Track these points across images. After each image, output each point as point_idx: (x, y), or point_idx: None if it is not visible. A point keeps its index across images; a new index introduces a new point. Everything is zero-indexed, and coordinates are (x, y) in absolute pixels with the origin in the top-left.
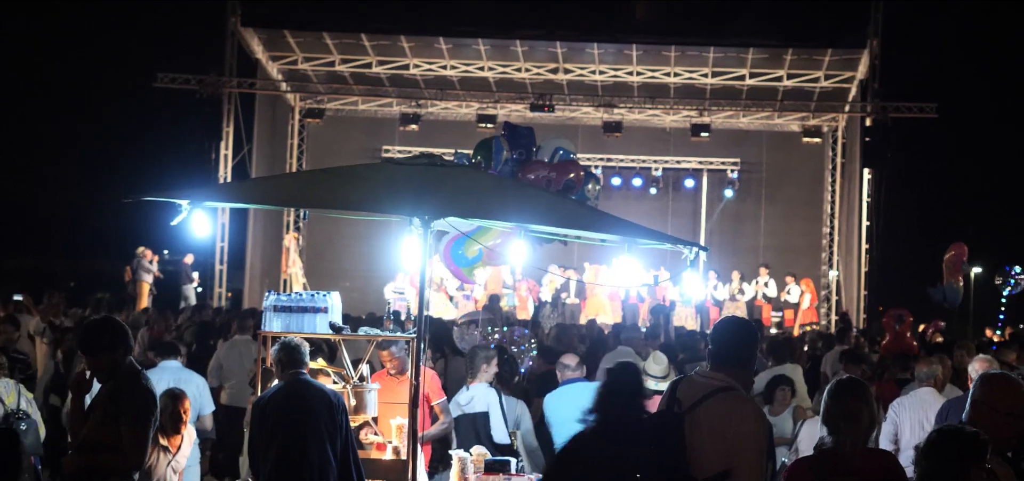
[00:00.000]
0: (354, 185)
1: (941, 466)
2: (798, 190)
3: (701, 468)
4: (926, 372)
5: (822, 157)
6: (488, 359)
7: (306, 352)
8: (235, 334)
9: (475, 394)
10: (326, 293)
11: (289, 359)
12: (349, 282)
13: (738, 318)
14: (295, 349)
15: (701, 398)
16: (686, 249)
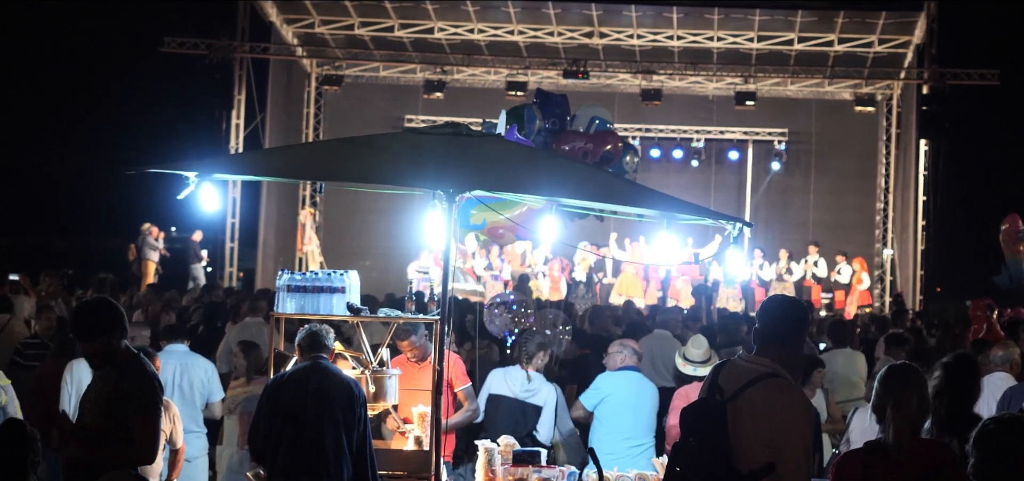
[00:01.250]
0: (374, 156)
1: (993, 457)
2: (850, 163)
3: (744, 460)
4: (1002, 356)
5: (876, 127)
6: (543, 346)
7: (331, 338)
8: (246, 316)
9: (538, 387)
10: (344, 272)
11: (311, 343)
12: (369, 261)
13: (788, 297)
14: (320, 335)
15: (744, 385)
16: (729, 225)
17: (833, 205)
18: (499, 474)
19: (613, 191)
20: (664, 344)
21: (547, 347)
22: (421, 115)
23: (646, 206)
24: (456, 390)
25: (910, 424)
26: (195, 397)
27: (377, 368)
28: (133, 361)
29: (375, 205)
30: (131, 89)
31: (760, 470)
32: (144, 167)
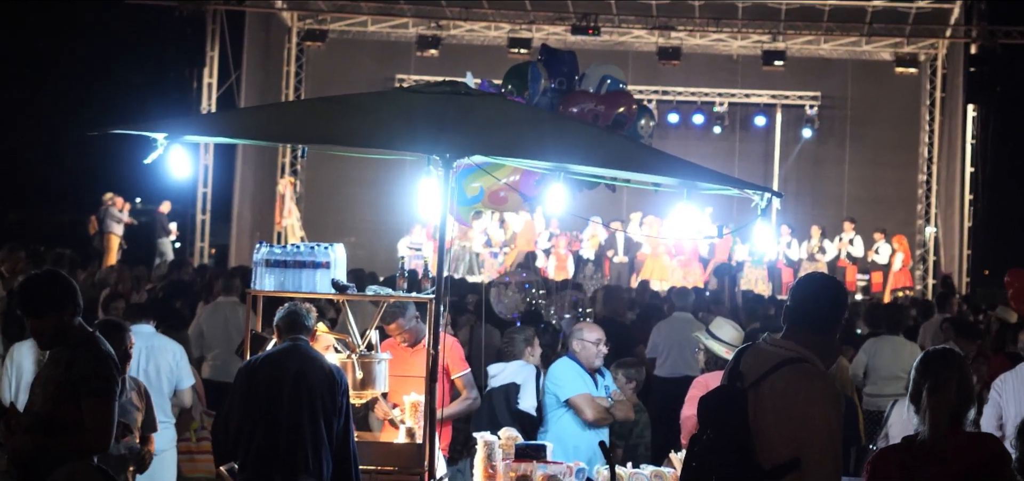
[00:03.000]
0: (362, 117)
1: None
2: (889, 130)
3: (767, 454)
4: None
5: (918, 91)
6: (528, 340)
7: (313, 318)
8: (219, 295)
9: (508, 367)
10: (328, 245)
11: (290, 324)
12: (355, 236)
13: (826, 276)
14: (300, 314)
15: (767, 371)
16: (756, 195)
17: (870, 177)
18: (500, 470)
19: (628, 157)
20: (685, 329)
21: (532, 340)
22: (413, 74)
23: (664, 173)
24: (453, 377)
25: (948, 412)
26: (162, 383)
27: (365, 352)
28: (86, 340)
29: (362, 174)
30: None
31: (784, 465)
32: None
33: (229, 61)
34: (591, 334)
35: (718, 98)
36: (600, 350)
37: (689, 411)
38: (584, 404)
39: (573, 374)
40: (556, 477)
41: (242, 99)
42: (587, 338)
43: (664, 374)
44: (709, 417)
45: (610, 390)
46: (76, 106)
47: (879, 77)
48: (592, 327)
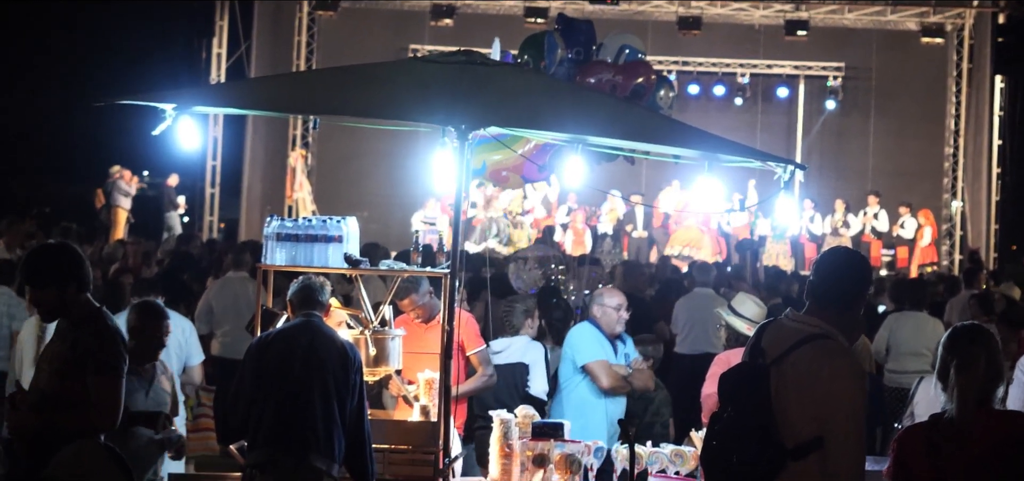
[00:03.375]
0: (375, 87)
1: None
2: (915, 102)
3: (790, 433)
4: None
5: (944, 61)
6: (528, 311)
7: (327, 293)
8: (228, 270)
9: (512, 344)
10: (341, 219)
11: (304, 298)
12: (368, 210)
13: (850, 250)
14: (314, 289)
15: (789, 348)
16: (779, 167)
17: (895, 150)
18: (516, 448)
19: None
20: (705, 305)
21: (532, 311)
22: (428, 45)
23: (684, 145)
24: (469, 354)
25: (977, 390)
26: (172, 360)
27: (378, 328)
28: (91, 316)
29: (375, 146)
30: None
31: (807, 444)
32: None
33: (239, 31)
34: (611, 299)
35: (739, 69)
36: (621, 315)
37: (710, 388)
38: (600, 371)
39: (592, 339)
40: (574, 456)
41: (252, 69)
42: (607, 303)
43: (685, 351)
44: (730, 395)
45: (630, 358)
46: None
47: (904, 47)
48: (613, 292)
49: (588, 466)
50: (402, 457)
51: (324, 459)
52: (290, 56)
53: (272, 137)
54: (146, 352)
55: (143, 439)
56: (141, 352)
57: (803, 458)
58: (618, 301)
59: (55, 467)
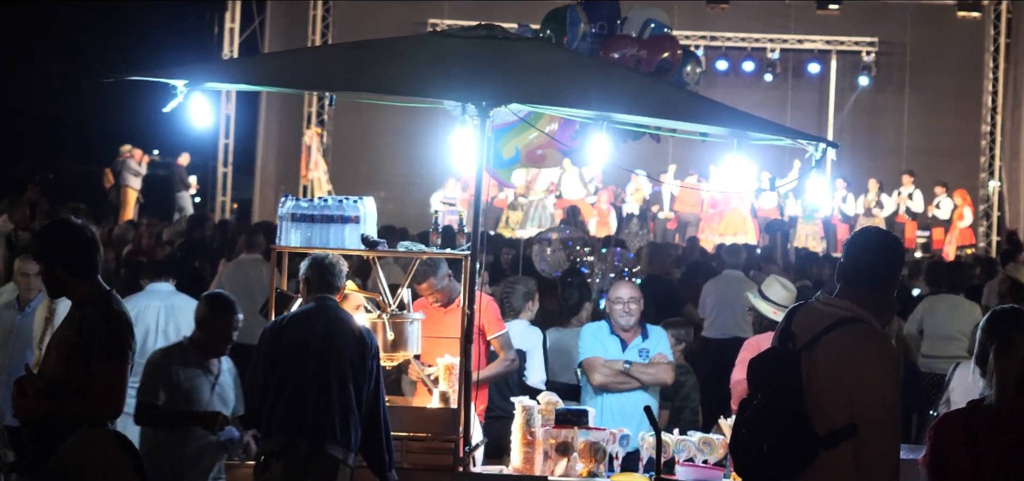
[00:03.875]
0: (393, 62)
1: None
2: (951, 78)
3: (822, 419)
4: None
5: (981, 36)
6: (529, 294)
7: (342, 275)
8: (241, 252)
9: (512, 329)
10: (357, 199)
11: (319, 279)
12: (385, 190)
13: (880, 230)
14: (329, 268)
15: (821, 332)
16: (810, 146)
17: (931, 128)
18: (539, 436)
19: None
20: (734, 287)
21: (533, 295)
22: (446, 19)
23: (712, 122)
24: (490, 338)
25: (1017, 375)
26: None
27: (396, 312)
28: (98, 300)
29: (393, 124)
30: None
31: (840, 431)
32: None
33: (252, 4)
34: (616, 292)
35: (769, 44)
36: (628, 309)
37: (739, 374)
38: (590, 367)
39: (590, 336)
40: (598, 444)
41: (266, 44)
42: (613, 296)
43: (713, 335)
44: (760, 381)
45: (648, 353)
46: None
47: (940, 21)
48: (619, 285)
49: (613, 454)
50: (421, 445)
51: (340, 447)
52: (305, 31)
53: (286, 115)
54: (213, 346)
55: (203, 441)
56: (207, 346)
57: (835, 446)
58: (625, 294)
59: (63, 456)
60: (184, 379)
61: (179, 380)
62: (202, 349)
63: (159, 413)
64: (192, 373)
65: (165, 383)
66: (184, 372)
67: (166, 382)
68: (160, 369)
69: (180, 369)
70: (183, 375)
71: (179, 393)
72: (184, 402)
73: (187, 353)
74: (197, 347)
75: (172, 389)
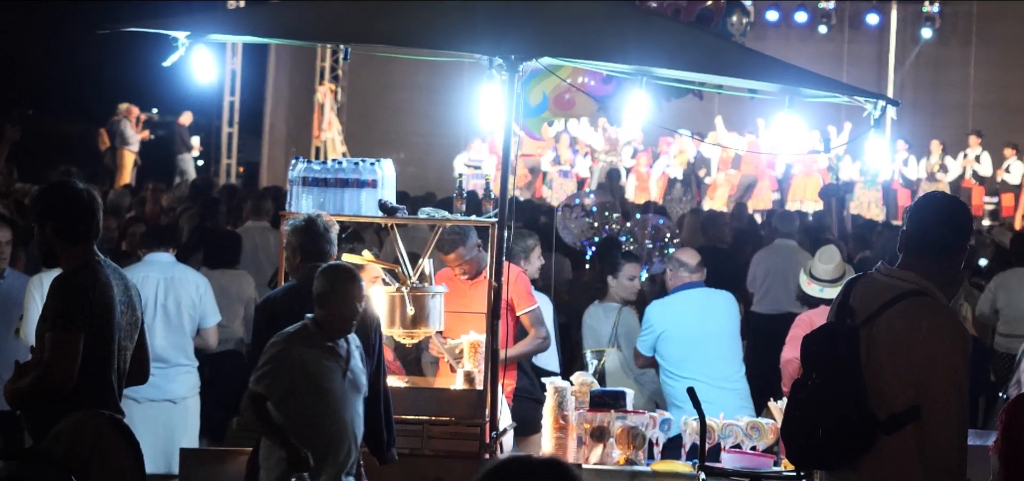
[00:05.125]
0: (413, 12)
1: None
2: (1021, 29)
3: (883, 402)
4: None
5: None
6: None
7: (334, 238)
8: (248, 220)
9: None
10: (374, 161)
11: (312, 246)
12: (404, 152)
13: (946, 195)
14: (321, 232)
15: (881, 306)
16: (869, 104)
17: (1000, 84)
18: (572, 420)
19: (720, 58)
20: (787, 258)
21: (531, 250)
22: None
23: (762, 78)
24: (519, 314)
25: None
26: (184, 321)
27: (417, 284)
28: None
29: (413, 79)
30: None
31: (903, 415)
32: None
33: None
34: (624, 269)
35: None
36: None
37: (791, 353)
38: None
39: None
40: (636, 429)
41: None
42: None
43: (763, 310)
44: (814, 360)
45: None
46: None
47: None
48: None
49: (653, 440)
50: (443, 429)
51: None
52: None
53: (297, 70)
54: (337, 323)
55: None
56: (332, 323)
57: (897, 430)
58: (692, 260)
59: (52, 440)
60: (311, 366)
61: (304, 368)
62: (326, 329)
63: (265, 414)
64: (318, 358)
65: (286, 373)
66: (310, 358)
67: (287, 371)
68: (281, 357)
69: (304, 354)
70: (309, 361)
71: (305, 383)
72: (312, 392)
73: (310, 335)
74: (320, 327)
75: (296, 379)
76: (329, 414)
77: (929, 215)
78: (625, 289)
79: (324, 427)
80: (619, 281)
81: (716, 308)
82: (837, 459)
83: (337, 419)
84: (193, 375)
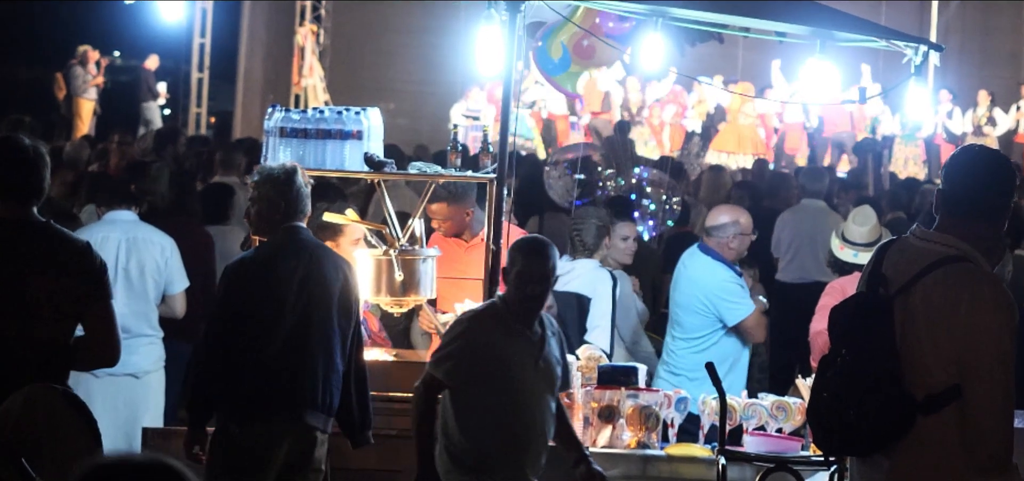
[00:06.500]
0: None
1: None
2: None
3: (920, 379)
4: None
5: None
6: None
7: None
8: (218, 174)
9: (575, 268)
10: (360, 111)
11: (296, 202)
12: (394, 102)
13: (987, 149)
14: (301, 187)
15: (918, 273)
16: (910, 49)
17: None
18: (579, 398)
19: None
20: (816, 220)
21: (608, 230)
22: None
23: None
24: None
25: None
26: (147, 286)
27: (407, 247)
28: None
29: (404, 21)
30: None
31: (942, 394)
32: None
33: None
34: (617, 229)
35: None
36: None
37: (820, 325)
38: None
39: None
40: (650, 408)
41: None
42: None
43: (788, 278)
44: (845, 333)
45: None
46: None
47: None
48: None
49: (668, 421)
50: None
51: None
52: None
53: (275, 9)
54: (527, 303)
55: None
56: (522, 304)
57: (936, 412)
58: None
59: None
60: (500, 350)
61: (492, 351)
62: (517, 310)
63: (430, 408)
64: (509, 342)
65: (470, 357)
66: (499, 341)
67: (472, 356)
68: (466, 338)
69: (493, 337)
70: (499, 346)
71: (491, 371)
72: (497, 382)
73: (500, 316)
74: (509, 307)
75: (481, 365)
76: (515, 409)
77: (969, 171)
78: (619, 252)
79: (508, 424)
80: (612, 243)
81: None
82: (869, 444)
83: (524, 415)
84: (157, 346)
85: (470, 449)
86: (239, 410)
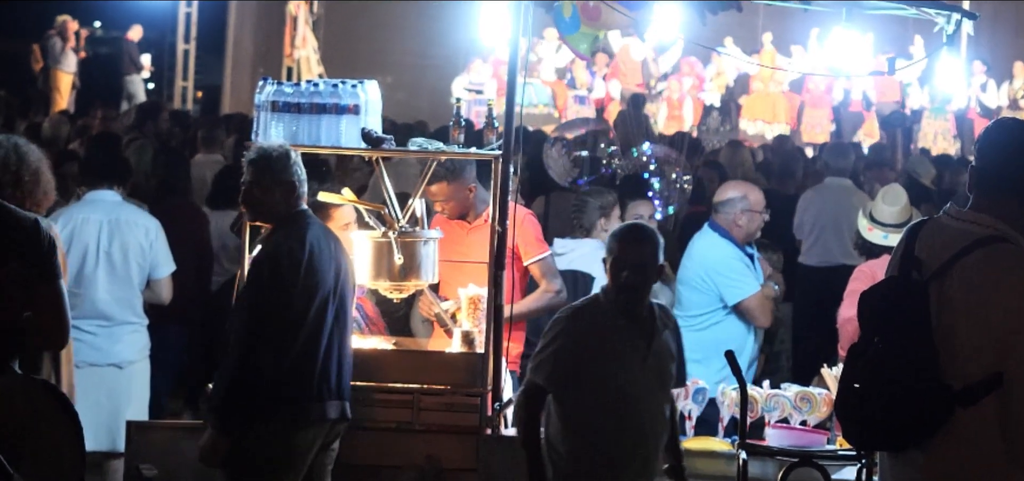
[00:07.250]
0: None
1: None
2: None
3: (957, 368)
4: None
5: None
6: (606, 209)
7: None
8: (201, 151)
9: (578, 248)
10: (356, 83)
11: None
12: (392, 76)
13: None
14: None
15: (955, 255)
16: (941, 17)
17: None
18: None
19: None
20: (840, 199)
21: (611, 210)
22: None
23: None
24: (527, 263)
25: None
26: (131, 271)
27: (407, 228)
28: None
29: None
30: None
31: (981, 384)
32: None
33: None
34: (629, 209)
35: None
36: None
37: (848, 312)
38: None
39: (736, 260)
40: None
41: None
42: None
43: (813, 262)
44: (876, 320)
45: None
46: None
47: None
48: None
49: (685, 413)
50: (437, 400)
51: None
52: None
53: None
54: (625, 294)
55: None
56: (620, 295)
57: (974, 403)
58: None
59: None
60: (604, 347)
61: (594, 350)
62: (618, 303)
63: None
64: (612, 338)
65: (569, 357)
66: (602, 338)
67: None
68: (564, 337)
69: (595, 334)
70: (602, 342)
71: (594, 370)
72: (601, 381)
73: (601, 311)
74: (610, 299)
75: (582, 365)
76: (620, 410)
77: (1004, 147)
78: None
79: (612, 427)
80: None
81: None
82: (903, 437)
83: (631, 418)
84: (142, 335)
85: (573, 457)
86: (292, 407)
